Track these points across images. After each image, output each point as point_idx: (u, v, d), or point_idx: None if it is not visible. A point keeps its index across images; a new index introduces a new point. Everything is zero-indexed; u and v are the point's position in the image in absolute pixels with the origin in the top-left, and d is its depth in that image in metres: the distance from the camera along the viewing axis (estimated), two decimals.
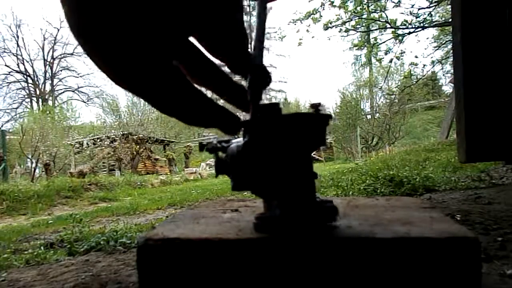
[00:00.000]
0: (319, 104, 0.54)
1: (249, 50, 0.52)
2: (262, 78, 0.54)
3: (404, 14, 16.40)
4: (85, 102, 31.84)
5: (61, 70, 32.44)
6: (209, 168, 15.06)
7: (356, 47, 9.98)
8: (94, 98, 30.90)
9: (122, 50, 0.39)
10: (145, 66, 0.41)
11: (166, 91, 0.43)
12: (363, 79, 19.85)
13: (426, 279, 0.48)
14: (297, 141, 0.53)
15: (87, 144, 16.26)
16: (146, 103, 0.46)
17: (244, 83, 0.54)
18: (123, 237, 1.73)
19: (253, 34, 0.57)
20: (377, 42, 9.37)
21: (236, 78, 0.54)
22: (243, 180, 0.55)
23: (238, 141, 0.57)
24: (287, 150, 0.53)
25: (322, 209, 0.54)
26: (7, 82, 30.19)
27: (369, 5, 8.64)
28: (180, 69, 0.46)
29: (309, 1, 8.60)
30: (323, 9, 8.48)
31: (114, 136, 16.20)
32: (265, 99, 0.58)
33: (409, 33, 8.49)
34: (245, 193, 0.66)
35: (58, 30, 31.39)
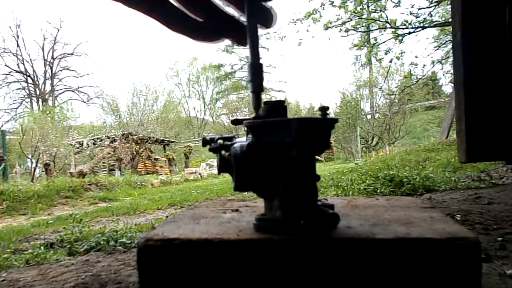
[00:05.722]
0: (327, 108, 0.54)
1: None
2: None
3: (404, 14, 16.41)
4: (85, 102, 31.83)
5: (61, 70, 32.43)
6: (209, 168, 15.05)
7: (356, 47, 9.95)
8: (94, 98, 30.91)
9: None
10: None
11: None
12: (363, 79, 19.83)
13: (426, 279, 0.48)
14: (304, 145, 0.52)
15: (87, 144, 16.24)
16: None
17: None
18: (123, 237, 1.73)
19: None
20: (377, 42, 9.35)
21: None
22: (246, 181, 0.55)
23: (241, 140, 0.56)
24: (293, 153, 0.53)
25: (323, 216, 0.54)
26: (7, 82, 30.18)
27: (369, 5, 8.63)
28: None
29: (309, 1, 8.59)
30: (323, 9, 8.47)
31: (114, 136, 16.19)
32: (265, 99, 0.57)
33: (409, 33, 8.47)
34: (245, 193, 0.66)
35: (58, 30, 31.39)
